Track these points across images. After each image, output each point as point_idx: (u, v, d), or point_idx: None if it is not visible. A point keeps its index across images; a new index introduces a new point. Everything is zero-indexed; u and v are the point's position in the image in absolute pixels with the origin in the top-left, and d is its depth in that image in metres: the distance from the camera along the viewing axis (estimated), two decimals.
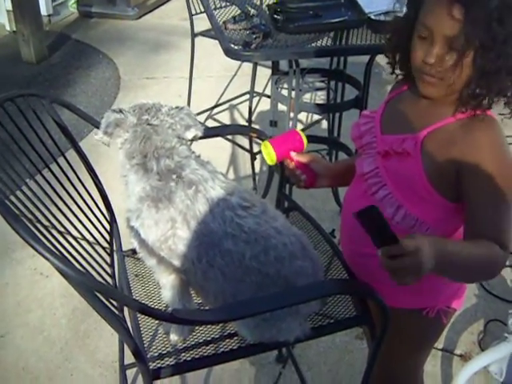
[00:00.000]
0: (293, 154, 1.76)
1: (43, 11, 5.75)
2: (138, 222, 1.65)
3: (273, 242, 1.60)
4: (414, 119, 1.52)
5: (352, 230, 1.66)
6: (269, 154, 1.75)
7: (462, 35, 1.33)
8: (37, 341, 2.73)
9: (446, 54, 1.38)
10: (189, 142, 1.73)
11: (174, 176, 1.62)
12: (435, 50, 1.39)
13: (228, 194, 1.64)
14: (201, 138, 1.79)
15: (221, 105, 4.59)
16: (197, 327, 1.75)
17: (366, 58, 3.09)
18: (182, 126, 1.71)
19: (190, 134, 1.73)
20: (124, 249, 2.06)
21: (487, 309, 2.97)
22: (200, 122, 1.78)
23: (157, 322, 1.75)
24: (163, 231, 1.62)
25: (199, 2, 3.94)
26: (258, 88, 4.35)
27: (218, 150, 3.89)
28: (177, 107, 1.77)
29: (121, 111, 1.70)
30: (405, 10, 2.65)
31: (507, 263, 3.12)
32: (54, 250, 1.34)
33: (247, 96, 4.23)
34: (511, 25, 1.32)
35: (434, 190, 1.47)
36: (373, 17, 2.69)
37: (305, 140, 1.77)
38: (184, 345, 1.71)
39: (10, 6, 5.23)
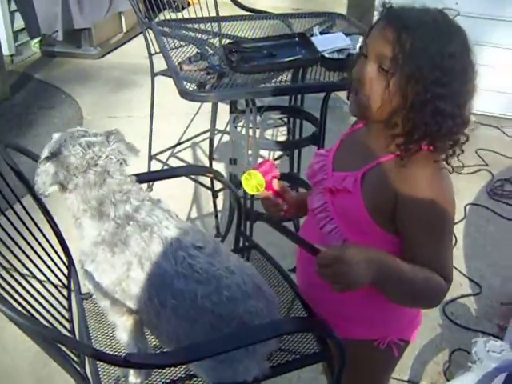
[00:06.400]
0: (275, 183, 1.70)
1: (5, 51, 5.73)
2: (93, 265, 1.64)
3: (225, 281, 1.60)
4: (360, 157, 1.55)
5: (307, 262, 1.64)
6: (256, 183, 1.64)
7: (388, 56, 1.39)
8: None
9: (376, 74, 1.42)
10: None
11: (131, 222, 1.61)
12: (367, 66, 1.44)
13: (182, 233, 1.64)
14: (159, 179, 1.78)
15: (183, 143, 4.59)
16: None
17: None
18: (121, 155, 1.65)
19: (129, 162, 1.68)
20: (83, 291, 2.03)
21: (452, 338, 2.98)
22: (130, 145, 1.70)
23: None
24: (118, 274, 1.61)
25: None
26: (220, 125, 4.37)
27: (179, 189, 3.89)
28: (106, 132, 1.67)
29: (53, 155, 1.57)
30: (357, 47, 2.75)
31: (470, 292, 3.25)
32: (6, 295, 1.33)
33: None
34: (442, 63, 1.36)
35: (377, 224, 1.49)
36: (326, 55, 2.74)
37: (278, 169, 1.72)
38: None
39: None
